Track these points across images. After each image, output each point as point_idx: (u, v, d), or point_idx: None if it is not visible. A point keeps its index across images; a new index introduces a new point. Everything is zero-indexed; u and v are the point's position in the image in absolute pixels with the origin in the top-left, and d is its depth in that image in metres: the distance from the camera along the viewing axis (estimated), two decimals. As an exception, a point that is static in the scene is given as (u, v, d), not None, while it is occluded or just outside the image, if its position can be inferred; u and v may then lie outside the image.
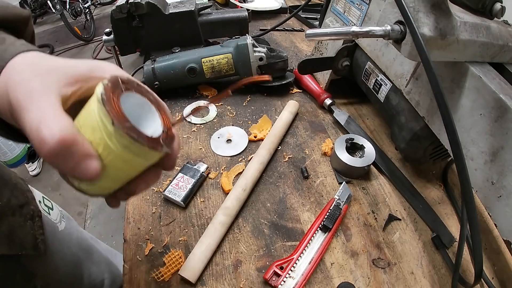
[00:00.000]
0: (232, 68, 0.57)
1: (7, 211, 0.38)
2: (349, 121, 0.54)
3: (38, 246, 0.42)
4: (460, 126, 0.34)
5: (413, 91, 0.41)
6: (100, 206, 1.59)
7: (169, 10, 0.61)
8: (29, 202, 0.43)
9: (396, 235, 0.40)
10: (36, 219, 0.43)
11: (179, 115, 0.56)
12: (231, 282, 0.35)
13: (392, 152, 0.51)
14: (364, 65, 0.51)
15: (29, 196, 0.44)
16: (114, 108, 0.18)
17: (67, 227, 0.54)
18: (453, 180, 0.47)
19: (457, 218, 0.43)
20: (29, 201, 0.43)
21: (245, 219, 0.41)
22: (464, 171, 0.26)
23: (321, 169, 0.48)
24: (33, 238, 0.41)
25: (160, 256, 0.37)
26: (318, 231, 0.39)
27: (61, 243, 0.51)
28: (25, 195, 0.43)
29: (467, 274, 0.37)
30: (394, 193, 0.45)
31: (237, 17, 0.67)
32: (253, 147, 0.51)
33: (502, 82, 0.31)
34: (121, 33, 0.62)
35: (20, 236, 0.39)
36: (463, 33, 0.29)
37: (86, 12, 3.03)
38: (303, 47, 0.77)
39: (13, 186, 0.41)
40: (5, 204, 0.38)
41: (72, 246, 0.54)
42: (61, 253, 0.50)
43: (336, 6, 0.57)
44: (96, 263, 0.62)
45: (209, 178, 0.46)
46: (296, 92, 0.62)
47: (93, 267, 0.60)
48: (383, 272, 0.37)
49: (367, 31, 0.29)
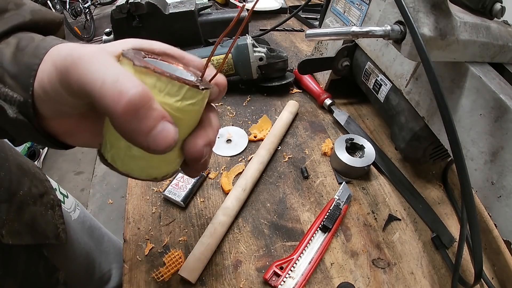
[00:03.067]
0: (232, 68, 0.57)
1: (29, 200, 0.38)
2: (349, 121, 0.54)
3: (59, 236, 0.42)
4: (460, 126, 0.34)
5: (413, 91, 0.41)
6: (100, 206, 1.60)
7: (169, 10, 0.61)
8: (48, 191, 0.43)
9: (396, 235, 0.40)
10: (56, 208, 0.43)
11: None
12: (231, 282, 0.35)
13: (392, 152, 0.51)
14: (364, 65, 0.51)
15: (47, 185, 0.44)
16: (150, 65, 0.18)
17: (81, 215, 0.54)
18: (453, 180, 0.47)
19: (457, 218, 0.43)
20: (48, 190, 0.43)
21: (245, 219, 0.41)
22: (464, 171, 0.26)
23: (321, 169, 0.48)
24: (54, 227, 0.41)
25: (160, 256, 0.37)
26: (318, 231, 0.39)
27: (76, 232, 0.51)
28: (44, 185, 0.43)
29: (467, 274, 0.37)
30: (394, 193, 0.45)
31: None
32: (253, 147, 0.51)
33: (502, 82, 0.31)
34: (121, 33, 0.62)
35: (42, 225, 0.39)
36: (463, 33, 0.29)
37: (86, 12, 3.03)
38: (303, 47, 0.77)
39: (32, 175, 0.41)
40: (26, 193, 0.38)
41: (85, 235, 0.54)
42: (77, 243, 0.50)
43: (336, 6, 0.57)
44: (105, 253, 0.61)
45: (209, 178, 0.46)
46: (296, 92, 0.62)
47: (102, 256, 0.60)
48: (383, 272, 0.37)
49: (367, 31, 0.29)
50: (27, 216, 0.37)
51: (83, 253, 0.52)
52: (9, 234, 0.34)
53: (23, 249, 0.37)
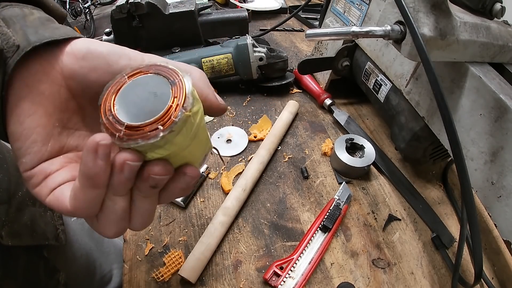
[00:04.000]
0: (232, 68, 0.57)
1: (28, 201, 0.38)
2: (349, 121, 0.54)
3: (59, 236, 0.42)
4: (460, 126, 0.34)
5: (413, 91, 0.41)
6: (100, 206, 1.59)
7: (169, 10, 0.61)
8: None
9: (396, 235, 0.40)
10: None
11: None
12: (231, 282, 0.35)
13: (392, 152, 0.51)
14: (364, 65, 0.51)
15: None
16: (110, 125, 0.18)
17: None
18: (453, 180, 0.47)
19: (457, 218, 0.43)
20: None
21: (245, 219, 0.41)
22: (464, 171, 0.26)
23: (321, 169, 0.48)
24: (54, 228, 0.41)
25: (160, 256, 0.37)
26: (318, 231, 0.39)
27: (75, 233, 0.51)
28: None
29: (467, 274, 0.37)
30: (394, 193, 0.45)
31: (237, 17, 0.67)
32: (253, 147, 0.51)
33: (502, 82, 0.31)
34: (121, 33, 0.62)
35: (42, 226, 0.39)
36: (463, 33, 0.29)
37: (86, 12, 3.03)
38: (303, 47, 0.77)
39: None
40: (25, 194, 0.38)
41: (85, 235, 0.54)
42: (77, 244, 0.50)
43: (336, 6, 0.57)
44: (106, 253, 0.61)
45: (209, 178, 0.46)
46: (296, 92, 0.62)
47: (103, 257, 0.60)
48: (383, 272, 0.37)
49: (367, 31, 0.29)
50: (26, 217, 0.37)
51: (84, 253, 0.52)
52: (9, 235, 0.34)
53: (23, 250, 0.37)
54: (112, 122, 0.18)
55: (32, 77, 0.20)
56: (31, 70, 0.20)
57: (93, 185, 0.18)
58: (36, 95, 0.20)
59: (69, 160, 0.22)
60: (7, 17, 0.20)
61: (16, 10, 0.21)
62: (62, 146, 0.22)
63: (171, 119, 0.17)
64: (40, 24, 0.21)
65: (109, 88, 0.19)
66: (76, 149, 0.22)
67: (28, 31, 0.20)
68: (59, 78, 0.21)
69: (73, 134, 0.23)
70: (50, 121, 0.21)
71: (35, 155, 0.20)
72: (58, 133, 0.21)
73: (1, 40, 0.19)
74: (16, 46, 0.19)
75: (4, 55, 0.19)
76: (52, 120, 0.21)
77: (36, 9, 0.22)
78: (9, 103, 0.20)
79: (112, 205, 0.19)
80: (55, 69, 0.21)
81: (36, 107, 0.20)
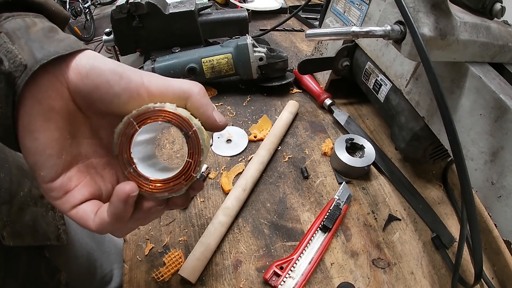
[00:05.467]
0: (232, 68, 0.57)
1: (29, 201, 0.38)
2: (349, 121, 0.54)
3: (60, 237, 0.42)
4: (460, 126, 0.34)
5: (413, 91, 0.41)
6: (100, 206, 1.59)
7: (169, 10, 0.61)
8: None
9: (396, 235, 0.40)
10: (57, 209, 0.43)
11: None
12: (231, 282, 0.35)
13: (392, 152, 0.51)
14: (364, 65, 0.51)
15: None
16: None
17: None
18: (453, 180, 0.47)
19: (457, 218, 0.43)
20: None
21: (245, 219, 0.41)
22: (464, 171, 0.26)
23: (321, 169, 0.48)
24: (55, 228, 0.41)
25: (160, 256, 0.37)
26: (318, 231, 0.39)
27: (77, 233, 0.51)
28: None
29: (467, 274, 0.37)
30: (394, 193, 0.45)
31: (237, 17, 0.67)
32: (253, 147, 0.51)
33: (502, 82, 0.31)
34: (121, 33, 0.62)
35: (43, 226, 0.39)
36: (463, 33, 0.29)
37: (86, 12, 3.03)
38: (303, 47, 0.77)
39: (32, 176, 0.41)
40: (27, 194, 0.38)
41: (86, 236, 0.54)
42: (78, 244, 0.50)
43: (336, 6, 0.57)
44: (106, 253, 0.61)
45: (209, 178, 0.46)
46: (296, 92, 0.62)
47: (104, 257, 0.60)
48: (383, 272, 0.37)
49: (367, 31, 0.29)
50: (28, 218, 0.37)
51: (85, 253, 0.52)
52: (10, 236, 0.34)
53: (24, 250, 0.37)
54: (136, 176, 0.22)
55: (43, 94, 0.20)
56: (41, 87, 0.20)
57: (120, 221, 0.22)
58: (47, 111, 0.21)
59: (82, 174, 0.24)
60: (10, 31, 0.20)
61: (18, 21, 0.21)
62: (74, 156, 0.23)
63: (192, 176, 0.22)
64: (44, 36, 0.21)
65: (121, 135, 0.22)
66: (86, 158, 0.24)
67: (33, 46, 0.20)
68: (67, 93, 0.22)
69: (82, 143, 0.24)
70: (62, 135, 0.22)
71: (52, 169, 0.22)
72: (69, 145, 0.23)
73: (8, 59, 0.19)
74: (24, 65, 0.19)
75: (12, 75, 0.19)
76: (64, 133, 0.22)
77: (38, 17, 0.22)
78: (21, 119, 0.20)
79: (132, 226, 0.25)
80: (62, 84, 0.21)
81: (48, 123, 0.21)
